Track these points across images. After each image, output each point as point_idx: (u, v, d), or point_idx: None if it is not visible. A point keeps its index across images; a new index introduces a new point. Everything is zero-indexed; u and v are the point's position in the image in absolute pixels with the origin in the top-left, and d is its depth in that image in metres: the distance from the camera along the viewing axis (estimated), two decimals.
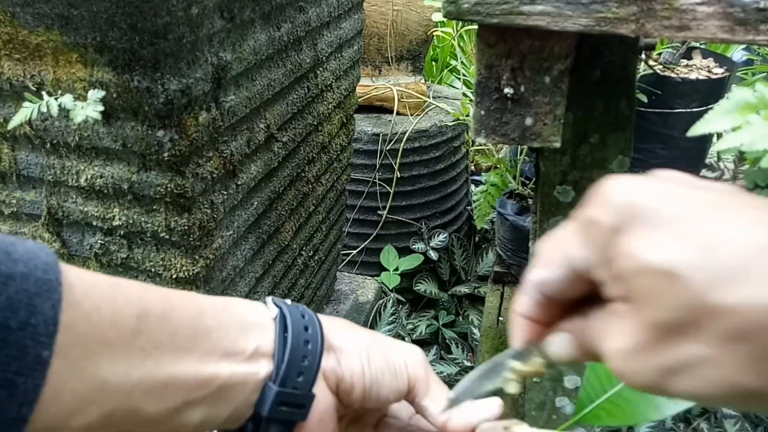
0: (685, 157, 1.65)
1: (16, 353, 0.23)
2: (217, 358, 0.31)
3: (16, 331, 0.23)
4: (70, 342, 0.25)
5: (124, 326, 0.27)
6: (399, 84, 1.81)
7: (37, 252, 0.26)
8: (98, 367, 0.26)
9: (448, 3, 0.48)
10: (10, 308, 0.23)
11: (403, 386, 0.38)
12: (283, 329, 0.35)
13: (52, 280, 0.25)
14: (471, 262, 1.84)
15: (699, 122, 0.42)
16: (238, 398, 0.32)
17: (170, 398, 0.29)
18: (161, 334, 0.29)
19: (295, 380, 0.34)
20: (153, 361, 0.28)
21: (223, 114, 0.75)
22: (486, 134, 0.55)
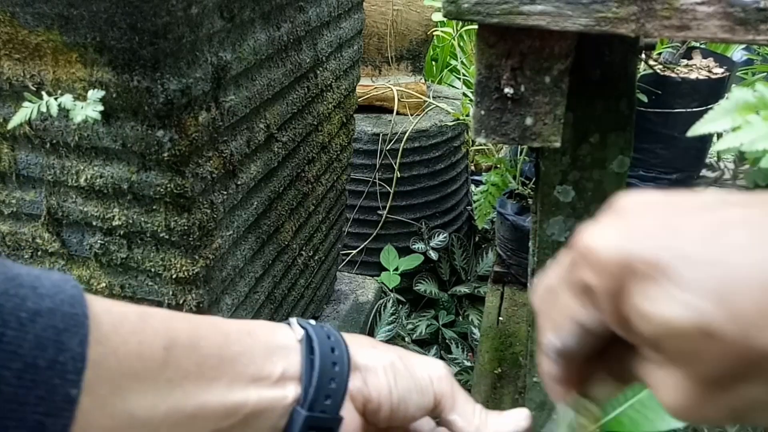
0: (685, 157, 1.65)
1: (44, 393, 0.22)
2: (245, 385, 0.31)
3: (45, 370, 0.23)
4: (98, 378, 0.24)
5: (151, 358, 0.27)
6: (399, 84, 1.81)
7: (62, 285, 0.25)
8: (126, 402, 0.26)
9: (448, 3, 0.48)
10: (39, 347, 0.23)
11: (430, 403, 0.38)
12: (309, 351, 0.34)
13: (78, 315, 0.24)
14: (471, 262, 1.84)
15: (699, 122, 0.42)
16: (267, 424, 0.32)
17: (198, 428, 0.29)
18: (189, 364, 0.28)
19: (323, 404, 0.33)
20: (181, 392, 0.28)
21: (223, 114, 0.75)
22: (486, 134, 0.55)
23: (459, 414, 0.38)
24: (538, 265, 0.75)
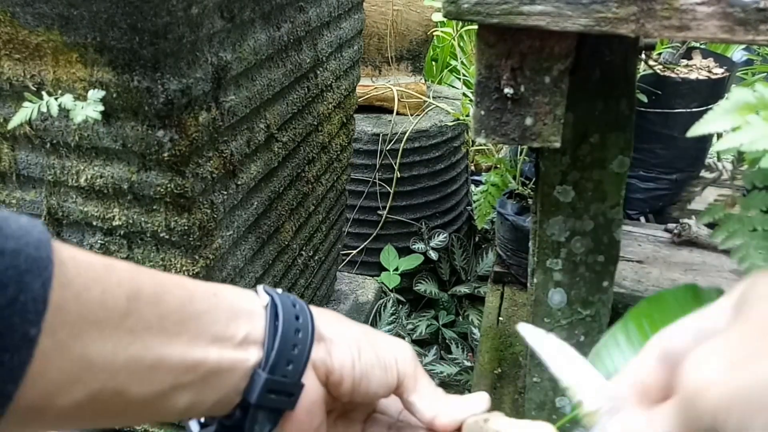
0: (685, 157, 1.65)
1: (3, 330, 0.23)
2: (206, 343, 0.31)
3: (4, 308, 0.23)
4: (59, 321, 0.25)
5: (114, 307, 0.27)
6: (399, 84, 1.81)
7: (29, 229, 0.25)
8: (86, 347, 0.26)
9: (448, 3, 0.48)
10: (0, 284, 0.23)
11: (393, 381, 0.38)
12: (274, 318, 0.34)
13: (43, 258, 0.25)
14: (471, 262, 1.84)
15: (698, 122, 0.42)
16: (226, 384, 0.32)
17: (157, 381, 0.29)
18: (151, 317, 0.29)
19: (285, 368, 0.33)
20: (141, 343, 0.28)
21: (223, 114, 0.75)
22: (486, 134, 0.55)
23: (420, 396, 0.38)
24: (538, 265, 0.75)
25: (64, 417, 0.27)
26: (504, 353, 1.37)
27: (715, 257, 1.31)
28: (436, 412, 0.38)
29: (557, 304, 0.76)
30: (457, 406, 0.38)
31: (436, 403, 0.38)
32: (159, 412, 0.31)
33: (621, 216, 0.71)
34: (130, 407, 0.29)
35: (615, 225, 0.72)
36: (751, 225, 0.53)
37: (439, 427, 0.38)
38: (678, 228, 1.37)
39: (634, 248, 1.36)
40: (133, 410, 0.29)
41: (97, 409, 0.28)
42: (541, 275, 0.75)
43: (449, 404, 0.38)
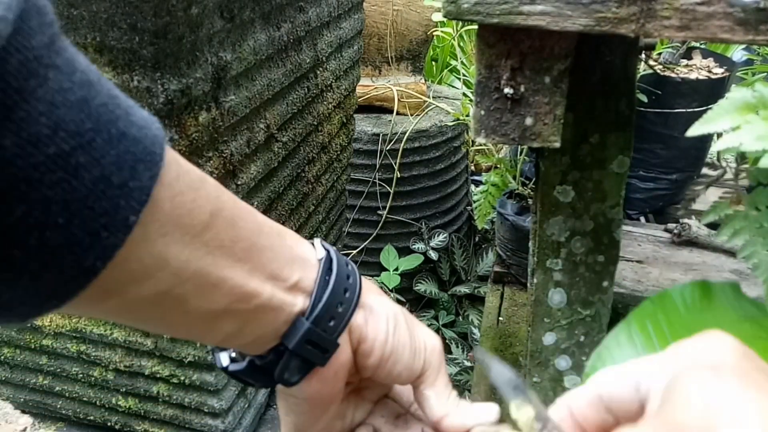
0: (685, 157, 1.65)
1: (109, 208, 0.24)
2: (264, 278, 0.32)
3: (116, 188, 0.24)
4: (152, 216, 0.26)
5: (198, 218, 0.28)
6: (399, 84, 1.81)
7: (150, 123, 0.26)
8: (167, 247, 0.27)
9: (448, 3, 0.48)
10: (117, 165, 0.24)
11: (418, 367, 0.38)
12: (327, 271, 0.35)
13: (156, 153, 0.26)
14: (471, 262, 1.84)
15: (698, 122, 0.42)
16: (270, 323, 0.33)
17: (214, 300, 0.30)
18: (225, 237, 0.30)
19: (327, 324, 0.34)
20: (212, 259, 0.29)
21: (223, 114, 0.75)
22: (486, 134, 0.55)
23: (436, 392, 0.39)
24: (538, 265, 0.75)
25: (125, 309, 0.28)
26: (504, 353, 1.37)
27: (715, 257, 1.31)
28: (447, 413, 0.38)
29: (557, 304, 0.76)
30: (467, 412, 0.38)
31: (448, 404, 0.39)
32: (204, 331, 0.32)
33: (621, 216, 0.71)
34: (184, 319, 0.30)
35: (615, 225, 0.72)
36: (757, 222, 0.53)
37: (446, 428, 0.38)
38: (678, 228, 1.37)
39: (634, 248, 1.36)
40: (186, 322, 0.31)
41: (156, 310, 0.29)
42: (541, 275, 0.75)
43: (460, 408, 0.39)
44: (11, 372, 1.04)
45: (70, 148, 0.22)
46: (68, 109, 0.22)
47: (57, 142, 0.22)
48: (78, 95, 0.23)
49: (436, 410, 0.38)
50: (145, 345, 0.91)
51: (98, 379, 0.98)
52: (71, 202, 0.23)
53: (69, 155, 0.22)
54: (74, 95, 0.23)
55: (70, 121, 0.22)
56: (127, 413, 1.01)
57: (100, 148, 0.23)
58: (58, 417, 1.09)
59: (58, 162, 0.22)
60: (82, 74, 0.24)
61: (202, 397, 0.94)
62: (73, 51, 0.24)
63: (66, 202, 0.22)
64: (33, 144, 0.21)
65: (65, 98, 0.22)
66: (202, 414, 0.96)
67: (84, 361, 0.97)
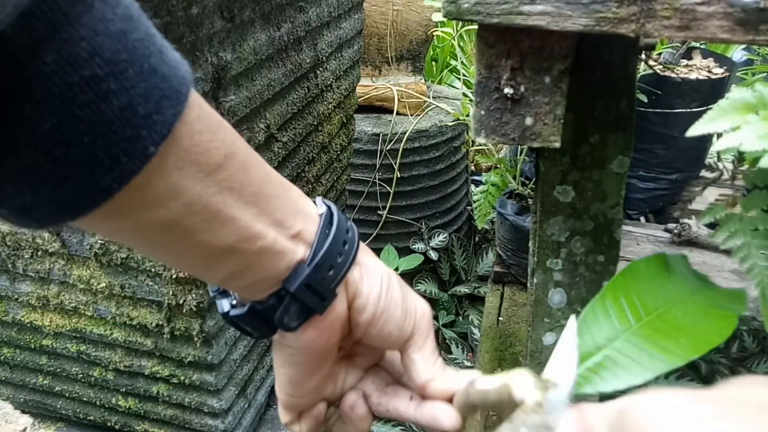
0: (685, 157, 1.65)
1: (131, 135, 0.25)
2: (269, 223, 0.33)
3: (140, 118, 0.25)
4: (170, 150, 0.27)
5: (213, 157, 0.30)
6: (399, 84, 1.81)
7: (180, 64, 0.28)
8: (181, 180, 0.29)
9: (448, 3, 0.48)
10: (144, 97, 0.25)
11: (408, 328, 0.39)
12: (328, 225, 0.37)
13: (182, 93, 0.27)
14: (471, 262, 1.84)
15: (698, 122, 0.42)
16: (272, 267, 0.34)
17: (221, 237, 0.31)
18: (235, 180, 0.31)
19: (326, 272, 0.35)
20: (221, 198, 0.31)
21: (223, 114, 0.75)
22: (486, 134, 0.55)
23: (423, 356, 0.39)
24: (538, 265, 0.75)
25: (134, 231, 0.30)
26: (504, 353, 1.37)
27: (715, 257, 1.31)
28: (433, 377, 0.39)
29: (557, 304, 0.76)
30: (452, 378, 0.39)
31: (435, 369, 0.39)
32: (208, 266, 0.33)
33: (621, 216, 0.71)
34: (190, 251, 0.31)
35: (615, 225, 0.72)
36: (753, 225, 0.53)
37: (431, 392, 0.39)
38: (678, 228, 1.37)
39: (634, 248, 1.36)
40: (191, 254, 0.32)
41: (164, 237, 0.30)
42: (541, 275, 0.75)
43: (446, 374, 0.40)
44: (11, 372, 1.04)
45: (103, 74, 0.24)
46: (107, 38, 0.24)
47: (93, 66, 0.24)
48: (118, 27, 0.25)
49: (423, 374, 0.39)
50: (145, 345, 0.91)
51: (98, 379, 0.98)
52: (98, 123, 0.24)
53: (101, 80, 0.24)
54: (114, 26, 0.24)
55: (107, 49, 0.24)
56: (127, 413, 1.01)
57: (130, 79, 0.25)
58: (58, 417, 1.09)
59: (90, 85, 0.24)
60: (125, 8, 0.25)
61: (202, 397, 0.94)
62: None
63: (93, 123, 0.24)
64: (71, 64, 0.23)
65: (106, 27, 0.24)
66: (202, 414, 0.96)
67: (84, 361, 0.97)
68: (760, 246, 0.52)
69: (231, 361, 0.93)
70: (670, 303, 0.48)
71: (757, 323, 0.96)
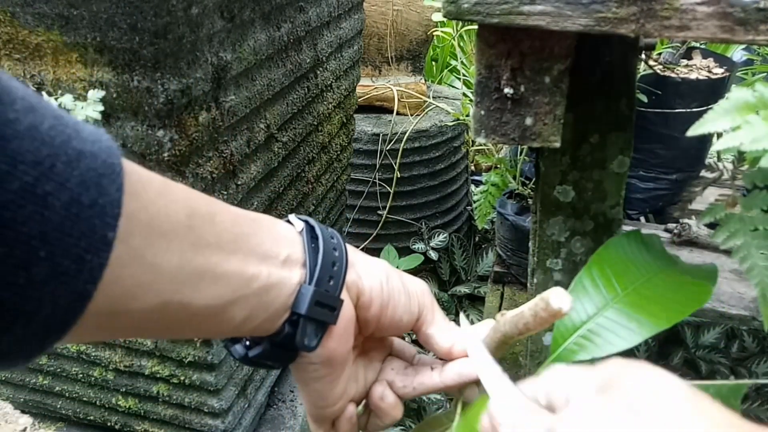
0: (685, 157, 1.65)
1: (86, 230, 0.23)
2: (257, 261, 0.33)
3: (87, 208, 0.23)
4: (131, 229, 0.26)
5: (177, 222, 0.28)
6: (399, 84, 1.81)
7: (100, 136, 0.26)
8: (156, 257, 0.27)
9: (448, 3, 0.48)
10: (82, 185, 0.23)
11: (415, 309, 0.41)
12: (312, 239, 0.37)
13: (115, 164, 0.25)
14: (471, 262, 1.84)
15: (698, 122, 0.42)
16: (276, 299, 0.34)
17: (218, 295, 0.31)
18: (208, 235, 0.30)
19: (327, 284, 0.36)
20: (203, 258, 0.30)
21: (223, 114, 0.75)
22: (486, 134, 0.55)
23: (438, 328, 0.42)
24: (538, 265, 0.75)
25: (135, 325, 0.28)
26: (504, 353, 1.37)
27: (715, 257, 1.31)
28: (453, 342, 0.41)
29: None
30: (468, 334, 0.42)
31: (452, 334, 0.42)
32: (218, 325, 0.32)
33: (621, 216, 0.71)
34: (194, 319, 0.31)
35: (615, 225, 0.72)
36: (753, 225, 0.53)
37: (457, 355, 0.41)
38: (678, 228, 1.36)
39: None
40: (197, 322, 0.31)
41: (165, 318, 0.29)
42: (541, 275, 0.75)
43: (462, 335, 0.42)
44: (11, 372, 1.04)
45: (33, 179, 0.22)
46: (21, 141, 0.22)
47: (19, 175, 0.21)
48: (25, 123, 0.22)
49: (443, 343, 0.41)
50: (145, 345, 0.91)
51: (98, 379, 0.98)
52: (48, 232, 0.22)
53: (34, 186, 0.22)
54: (21, 124, 0.22)
55: (26, 151, 0.22)
56: (127, 413, 1.01)
57: (62, 172, 0.23)
58: (58, 417, 1.09)
59: (25, 196, 0.21)
60: (23, 100, 0.23)
61: (202, 397, 0.94)
62: (6, 77, 0.23)
63: (43, 234, 0.22)
64: None
65: (15, 129, 0.22)
66: (202, 414, 0.96)
67: (84, 361, 0.97)
68: (760, 246, 0.52)
69: (231, 361, 0.93)
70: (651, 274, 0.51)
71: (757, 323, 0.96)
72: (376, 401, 0.42)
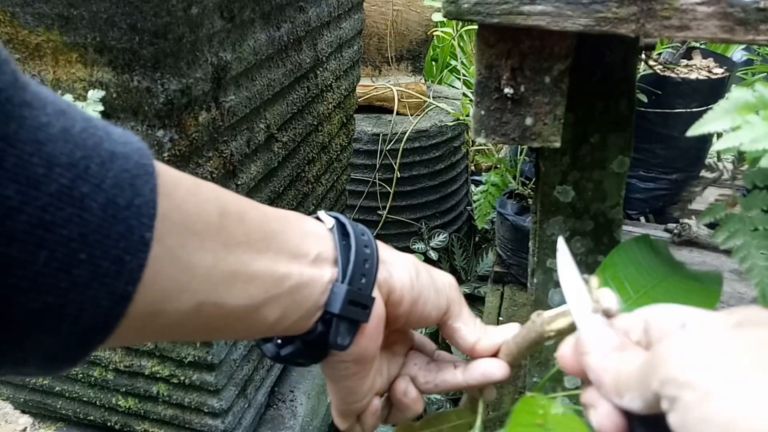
0: (685, 157, 1.65)
1: (124, 231, 0.23)
2: (288, 260, 0.33)
3: (124, 209, 0.23)
4: (166, 229, 0.26)
5: (208, 221, 0.28)
6: (399, 84, 1.81)
7: (130, 137, 0.26)
8: (191, 257, 0.27)
9: (448, 3, 0.48)
10: (117, 186, 0.23)
11: (444, 304, 0.41)
12: (343, 236, 0.37)
13: (148, 165, 0.25)
14: (471, 262, 1.84)
15: (698, 122, 0.42)
16: (308, 298, 0.34)
17: (250, 295, 0.31)
18: (239, 233, 0.30)
19: (360, 282, 0.35)
20: (235, 257, 0.29)
21: (223, 114, 0.75)
22: (486, 134, 0.55)
23: (464, 322, 0.42)
24: (538, 265, 0.75)
25: (173, 327, 0.28)
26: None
27: (715, 257, 1.31)
28: (478, 337, 0.41)
29: (557, 304, 0.76)
30: (495, 333, 0.42)
31: (477, 330, 0.42)
32: (252, 326, 0.32)
33: (621, 216, 0.71)
34: (228, 320, 0.30)
35: (615, 225, 0.72)
36: (753, 225, 0.53)
37: (481, 351, 0.41)
38: (678, 228, 1.37)
39: None
40: (231, 323, 0.31)
41: (200, 320, 0.29)
42: (541, 275, 0.75)
43: (488, 331, 0.42)
44: None
45: (69, 181, 0.22)
46: (54, 143, 0.22)
47: (55, 178, 0.21)
48: (58, 127, 0.22)
49: (469, 338, 0.41)
50: (145, 345, 0.91)
51: (98, 379, 0.98)
52: (88, 234, 0.22)
53: (71, 188, 0.22)
54: (54, 128, 0.22)
55: (60, 154, 0.22)
56: (127, 413, 1.01)
57: (97, 174, 0.23)
58: (58, 417, 1.09)
59: (62, 198, 0.21)
60: (53, 105, 0.23)
61: (202, 397, 0.94)
62: (34, 83, 0.23)
63: (83, 236, 0.22)
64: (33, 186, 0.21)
65: (48, 133, 0.22)
66: (202, 414, 0.96)
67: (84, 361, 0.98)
68: (760, 246, 0.52)
69: (231, 361, 0.93)
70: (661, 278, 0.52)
71: None
72: (400, 396, 0.42)
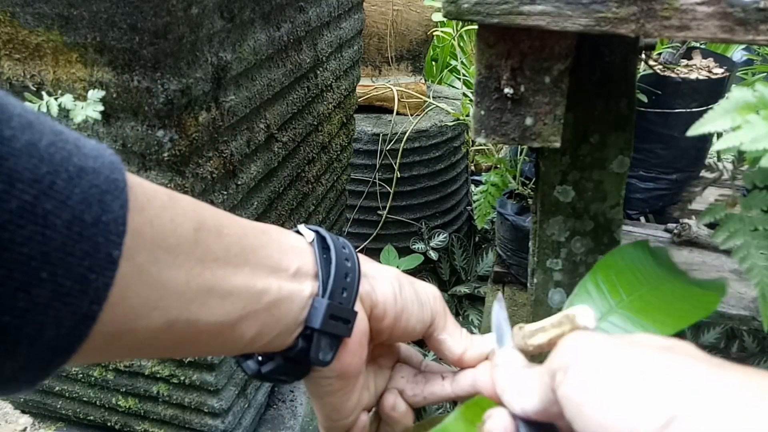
0: (685, 157, 1.65)
1: (89, 249, 0.23)
2: (266, 275, 0.32)
3: (90, 226, 0.23)
4: (136, 246, 0.25)
5: (183, 236, 0.28)
6: (399, 84, 1.81)
7: (102, 151, 0.25)
8: (161, 274, 0.26)
9: (448, 3, 0.48)
10: (85, 202, 0.23)
11: (428, 318, 0.40)
12: (324, 250, 0.36)
13: (119, 180, 0.24)
14: (471, 262, 1.84)
15: (698, 122, 0.42)
16: (287, 313, 0.33)
17: (226, 311, 0.30)
18: (216, 248, 0.29)
19: (341, 296, 0.35)
20: (210, 273, 0.29)
21: (223, 114, 0.75)
22: (486, 134, 0.55)
23: (449, 334, 0.41)
24: (538, 265, 0.75)
25: (141, 345, 0.27)
26: None
27: (715, 257, 1.31)
28: (465, 348, 0.41)
29: (557, 304, 0.76)
30: (481, 342, 0.41)
31: (463, 341, 0.41)
32: (227, 342, 0.31)
33: (621, 216, 0.71)
34: (201, 337, 0.30)
35: (615, 225, 0.72)
36: (752, 225, 0.53)
37: (468, 362, 0.41)
38: (678, 228, 1.36)
39: None
40: (205, 340, 0.30)
41: (172, 337, 0.28)
42: (541, 275, 0.75)
43: (475, 341, 0.41)
44: None
45: (32, 198, 0.21)
46: (18, 158, 0.21)
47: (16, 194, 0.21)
48: (23, 140, 0.21)
49: (455, 349, 0.41)
50: None
51: (98, 379, 0.98)
52: (50, 252, 0.21)
53: (34, 205, 0.21)
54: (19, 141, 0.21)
55: (23, 169, 0.21)
56: (127, 413, 1.01)
57: (63, 190, 0.22)
58: (58, 417, 1.09)
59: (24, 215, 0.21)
60: (20, 117, 0.22)
61: (202, 397, 0.94)
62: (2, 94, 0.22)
63: (45, 254, 0.21)
64: None
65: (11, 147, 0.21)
66: (202, 414, 0.96)
67: None
68: (760, 246, 0.52)
69: (231, 361, 0.93)
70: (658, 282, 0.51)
71: (757, 323, 0.96)
72: (388, 411, 0.42)
